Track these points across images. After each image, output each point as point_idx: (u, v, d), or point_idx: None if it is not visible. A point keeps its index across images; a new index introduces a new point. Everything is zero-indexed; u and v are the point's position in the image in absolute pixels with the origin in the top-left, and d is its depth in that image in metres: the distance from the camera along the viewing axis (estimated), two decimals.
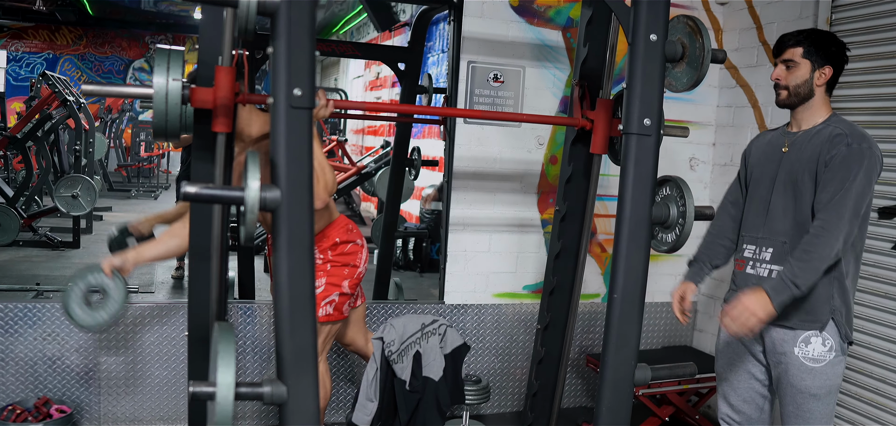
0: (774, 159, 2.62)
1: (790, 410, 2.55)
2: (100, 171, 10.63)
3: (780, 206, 2.56)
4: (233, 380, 1.61)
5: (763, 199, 2.62)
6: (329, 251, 2.98)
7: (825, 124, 2.51)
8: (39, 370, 3.45)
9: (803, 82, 2.51)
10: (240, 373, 3.56)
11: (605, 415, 2.30)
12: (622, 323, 2.28)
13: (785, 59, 2.54)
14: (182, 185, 1.65)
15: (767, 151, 2.67)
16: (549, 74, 4.07)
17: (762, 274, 2.58)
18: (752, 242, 2.65)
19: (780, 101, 2.58)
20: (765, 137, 2.75)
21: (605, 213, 4.28)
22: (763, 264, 2.59)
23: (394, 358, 2.87)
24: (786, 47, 2.55)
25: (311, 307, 1.73)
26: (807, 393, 2.49)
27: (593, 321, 4.32)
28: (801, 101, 2.54)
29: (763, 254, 2.59)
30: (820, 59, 2.49)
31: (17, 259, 6.81)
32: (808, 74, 2.50)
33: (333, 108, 2.66)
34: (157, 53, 2.11)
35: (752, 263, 2.63)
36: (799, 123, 2.58)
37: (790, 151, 2.56)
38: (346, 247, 3.00)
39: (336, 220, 3.02)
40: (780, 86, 2.57)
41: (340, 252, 2.99)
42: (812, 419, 2.50)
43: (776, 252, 2.55)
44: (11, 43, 14.25)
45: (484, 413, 4.16)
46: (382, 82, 10.58)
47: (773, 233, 2.56)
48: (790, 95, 2.54)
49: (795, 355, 2.48)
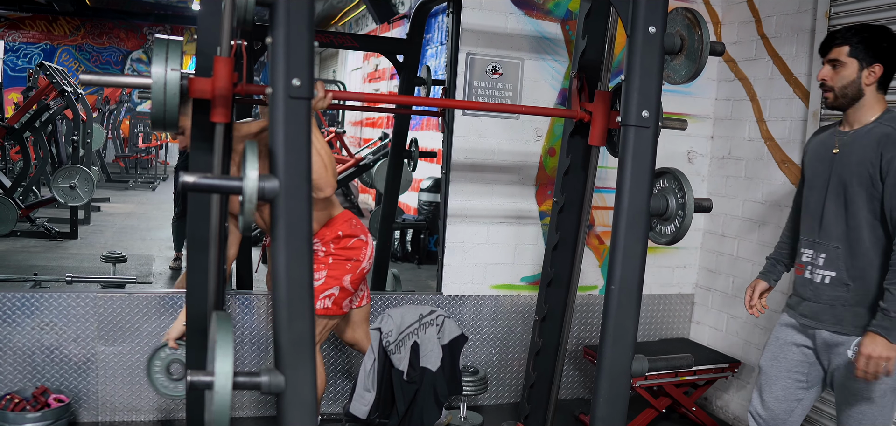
0: (826, 161, 2.55)
1: (845, 413, 2.54)
2: (97, 161, 10.60)
3: (831, 211, 2.51)
4: (231, 369, 1.61)
5: (817, 203, 2.57)
6: (332, 244, 2.97)
7: (876, 123, 2.43)
8: (37, 360, 3.45)
9: (850, 83, 2.42)
10: (237, 363, 3.57)
11: (603, 406, 2.30)
12: (620, 314, 2.28)
13: (831, 59, 2.45)
14: (180, 175, 1.65)
15: (820, 152, 2.60)
16: (548, 66, 4.07)
17: (817, 279, 2.55)
18: (809, 246, 2.61)
19: (828, 103, 2.51)
20: (818, 136, 2.67)
21: (603, 205, 4.29)
22: (817, 270, 2.55)
23: (391, 348, 2.87)
24: (831, 46, 2.46)
25: (309, 297, 1.73)
26: (860, 396, 2.46)
27: (591, 313, 4.33)
28: (849, 102, 2.45)
29: (817, 260, 2.56)
30: (868, 57, 2.40)
31: (14, 249, 6.81)
32: (856, 74, 2.41)
33: (332, 99, 2.66)
34: (156, 43, 2.10)
35: (810, 269, 2.59)
36: (850, 122, 2.50)
37: (840, 153, 2.49)
38: (350, 241, 2.99)
39: (340, 214, 3.00)
40: (825, 87, 2.48)
41: (343, 246, 2.98)
42: (865, 421, 2.48)
43: (829, 257, 2.52)
44: (8, 33, 14.19)
45: (481, 404, 4.17)
46: (381, 74, 10.56)
47: (827, 238, 2.52)
48: (837, 97, 2.46)
49: (849, 357, 2.45)
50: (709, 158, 4.48)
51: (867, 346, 2.33)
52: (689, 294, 4.58)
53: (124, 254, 5.53)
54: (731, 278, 4.28)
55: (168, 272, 6.33)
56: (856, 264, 2.48)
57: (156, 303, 3.57)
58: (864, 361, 2.33)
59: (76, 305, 3.47)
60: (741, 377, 4.12)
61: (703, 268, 4.52)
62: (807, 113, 3.71)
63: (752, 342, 4.07)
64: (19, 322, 3.41)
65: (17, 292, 3.45)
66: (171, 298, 3.60)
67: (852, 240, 2.45)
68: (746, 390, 4.10)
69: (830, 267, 2.51)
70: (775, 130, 3.94)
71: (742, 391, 4.14)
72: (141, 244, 7.60)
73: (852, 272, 2.49)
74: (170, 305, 3.58)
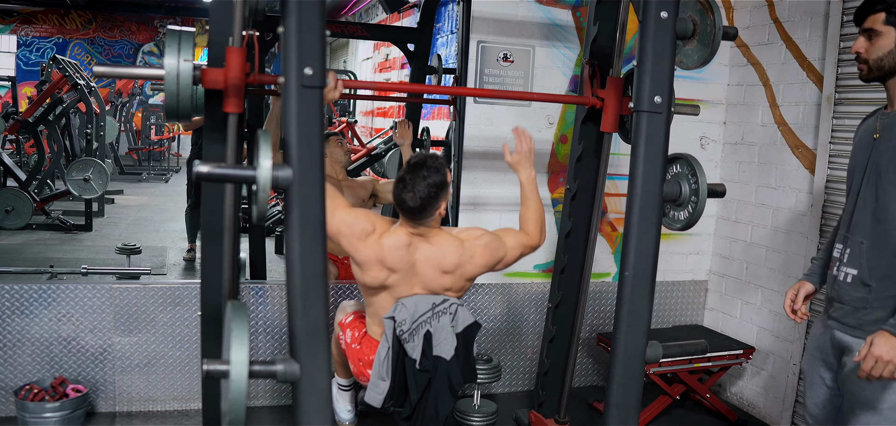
0: (867, 146, 2.30)
1: (848, 423, 2.31)
2: (111, 154, 10.68)
3: (863, 201, 2.27)
4: (246, 357, 1.62)
5: (853, 193, 2.33)
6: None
7: None
8: (55, 350, 3.48)
9: (887, 54, 2.18)
10: (252, 353, 3.59)
11: (617, 393, 2.31)
12: (633, 301, 2.28)
13: (866, 28, 2.22)
14: (194, 165, 1.66)
15: (863, 138, 2.35)
16: (559, 53, 4.06)
17: (841, 277, 2.33)
18: (840, 241, 2.37)
19: (862, 76, 2.27)
20: (865, 122, 2.40)
21: (615, 191, 4.28)
22: (842, 266, 2.33)
23: (405, 337, 2.88)
24: (867, 14, 2.22)
25: (323, 285, 1.74)
26: (866, 404, 2.23)
27: (604, 300, 4.32)
28: (885, 74, 2.21)
29: (843, 256, 2.33)
30: None
31: (30, 242, 6.87)
32: (893, 44, 2.17)
33: (343, 89, 2.66)
34: (168, 34, 2.11)
35: (838, 265, 2.36)
36: (892, 102, 2.25)
37: (880, 137, 2.24)
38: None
39: None
40: (859, 59, 2.25)
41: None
42: None
43: (852, 253, 2.29)
44: (21, 28, 14.28)
45: (495, 392, 4.18)
46: (391, 64, 10.55)
47: (854, 232, 2.29)
48: (870, 70, 2.22)
49: (856, 360, 2.17)
50: (722, 144, 4.46)
51: (878, 346, 2.07)
52: (703, 280, 4.57)
53: (138, 246, 5.57)
54: (744, 264, 4.26)
55: (182, 263, 6.37)
56: (880, 263, 2.23)
57: (170, 293, 3.60)
58: (871, 362, 2.08)
59: (92, 297, 3.50)
60: (755, 364, 4.11)
61: (717, 254, 4.50)
62: (820, 97, 3.68)
63: (766, 328, 4.06)
64: (37, 314, 3.45)
65: (34, 285, 3.48)
66: (186, 288, 3.63)
67: (878, 234, 2.21)
68: (760, 377, 4.09)
69: (852, 264, 2.28)
70: (788, 115, 3.91)
71: (756, 377, 4.13)
72: (155, 235, 7.65)
73: (876, 271, 2.23)
74: (184, 296, 3.60)
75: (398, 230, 2.79)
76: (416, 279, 2.82)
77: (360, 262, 2.77)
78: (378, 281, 2.79)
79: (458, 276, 2.83)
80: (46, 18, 14.39)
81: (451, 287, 2.84)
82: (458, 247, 2.81)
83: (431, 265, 2.79)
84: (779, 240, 3.98)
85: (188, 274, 6.07)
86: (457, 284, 2.85)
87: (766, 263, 4.08)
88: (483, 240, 2.85)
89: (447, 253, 2.79)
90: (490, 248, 2.84)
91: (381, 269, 2.77)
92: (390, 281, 2.80)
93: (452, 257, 2.79)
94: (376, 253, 2.73)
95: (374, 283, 2.81)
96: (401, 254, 2.76)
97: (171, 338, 3.61)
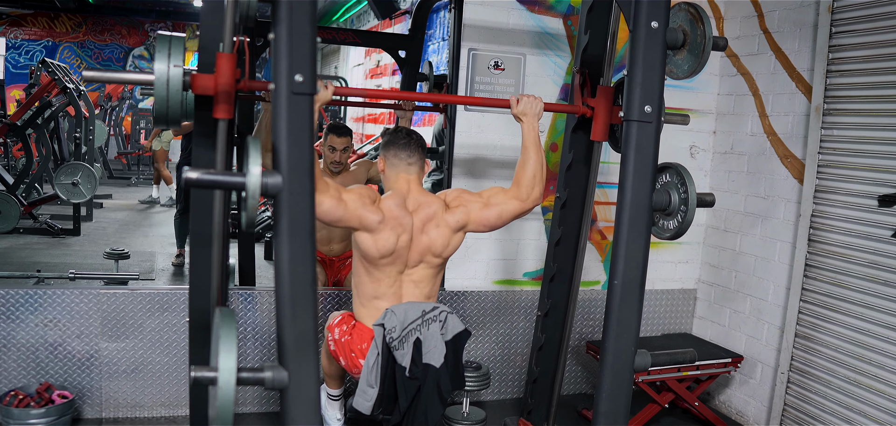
0: None
1: None
2: (100, 158, 10.63)
3: None
4: (234, 364, 1.62)
5: None
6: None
7: None
8: (41, 356, 3.46)
9: None
10: (240, 359, 3.57)
11: (606, 401, 2.31)
12: (623, 309, 2.28)
13: None
14: (183, 171, 1.65)
15: None
16: (550, 62, 4.07)
17: None
18: None
19: None
20: None
21: (605, 200, 4.29)
22: None
23: (395, 344, 2.87)
24: None
25: (312, 292, 1.74)
26: None
27: (593, 308, 4.33)
28: None
29: None
30: None
31: (17, 246, 6.82)
32: None
33: (334, 95, 2.66)
34: (159, 39, 2.10)
35: None
36: None
37: None
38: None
39: None
40: None
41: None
42: None
43: None
44: (10, 30, 14.20)
45: (484, 399, 4.17)
46: (383, 70, 10.54)
47: None
48: None
49: None
50: (711, 153, 4.48)
51: None
52: (692, 289, 4.58)
53: (127, 251, 5.53)
54: (733, 273, 4.27)
55: (170, 268, 6.34)
56: None
57: (159, 299, 3.58)
58: None
59: (79, 302, 3.48)
60: (743, 372, 4.12)
61: (706, 263, 4.52)
62: (809, 108, 3.70)
63: (754, 337, 4.07)
64: (23, 318, 3.42)
65: (21, 289, 3.45)
66: (174, 294, 3.61)
67: None
68: (748, 385, 4.10)
69: None
70: (778, 125, 3.94)
71: (744, 386, 4.14)
72: (143, 240, 7.62)
73: None
74: (172, 301, 3.58)
75: (391, 195, 2.94)
76: (422, 237, 2.94)
77: (373, 227, 2.83)
78: (389, 245, 2.86)
79: (450, 224, 2.97)
80: (36, 21, 14.31)
81: (450, 230, 2.97)
82: (440, 198, 3.03)
83: (424, 213, 2.94)
84: (767, 250, 4.00)
85: (177, 279, 6.04)
86: (455, 227, 2.99)
87: (754, 272, 4.10)
88: (469, 194, 3.06)
89: (432, 200, 2.98)
90: (478, 196, 3.05)
91: (390, 232, 2.86)
92: (400, 243, 2.88)
93: (436, 204, 2.97)
94: (385, 211, 2.85)
95: (385, 250, 2.87)
96: (401, 213, 2.88)
97: (159, 343, 3.59)
